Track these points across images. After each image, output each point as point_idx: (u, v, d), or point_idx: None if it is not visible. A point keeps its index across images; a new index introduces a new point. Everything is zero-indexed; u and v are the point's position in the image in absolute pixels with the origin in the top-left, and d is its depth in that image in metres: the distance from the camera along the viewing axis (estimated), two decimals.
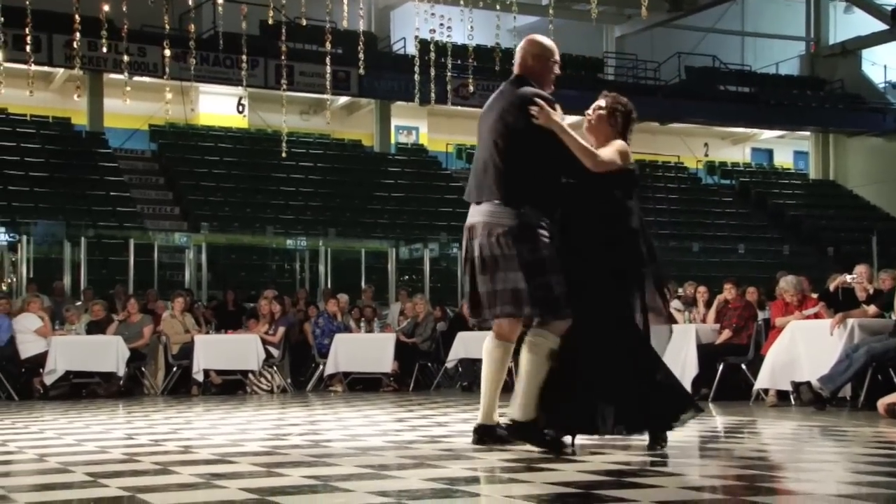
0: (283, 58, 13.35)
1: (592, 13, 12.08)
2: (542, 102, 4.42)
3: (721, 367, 8.61)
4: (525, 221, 4.39)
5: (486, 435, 4.52)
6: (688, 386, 8.72)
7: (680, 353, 8.79)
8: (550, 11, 12.99)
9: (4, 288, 13.60)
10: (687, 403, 4.53)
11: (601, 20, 25.70)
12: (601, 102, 4.68)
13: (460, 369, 11.11)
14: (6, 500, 3.19)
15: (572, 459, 4.04)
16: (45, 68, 19.45)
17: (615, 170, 4.46)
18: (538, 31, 5.52)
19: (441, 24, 11.50)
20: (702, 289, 9.99)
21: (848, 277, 8.31)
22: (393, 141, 24.13)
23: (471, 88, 14.76)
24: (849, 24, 28.85)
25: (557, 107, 4.48)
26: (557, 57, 4.71)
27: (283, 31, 12.72)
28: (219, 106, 23.04)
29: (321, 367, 11.34)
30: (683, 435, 5.50)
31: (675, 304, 9.87)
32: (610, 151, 4.51)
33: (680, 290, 10.62)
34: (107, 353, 10.35)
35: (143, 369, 10.97)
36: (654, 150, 26.94)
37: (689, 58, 26.81)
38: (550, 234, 4.44)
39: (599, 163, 4.43)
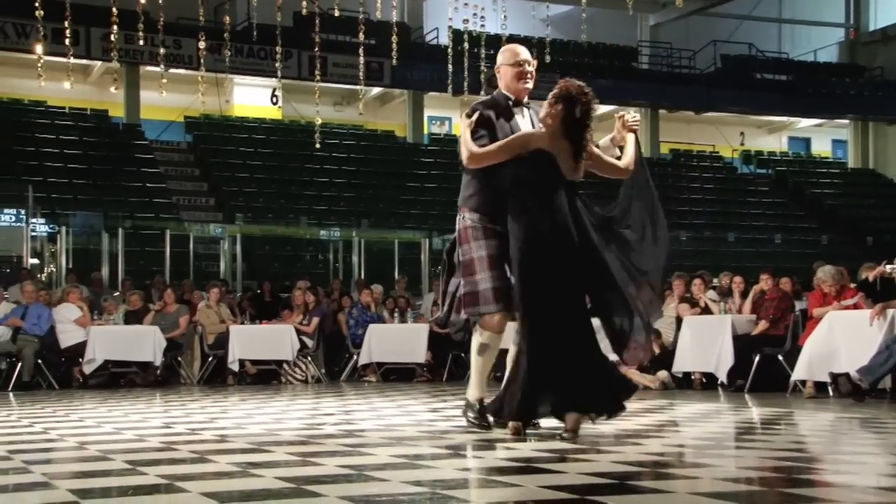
0: (316, 49, 13.39)
1: (627, 1, 11.99)
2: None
3: (757, 358, 8.52)
4: (462, 226, 4.76)
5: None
6: (723, 377, 8.68)
7: (715, 344, 8.74)
8: (583, 0, 12.90)
9: (44, 278, 13.80)
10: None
11: (635, 8, 25.44)
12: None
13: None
14: (48, 487, 3.25)
15: (607, 450, 4.03)
16: (84, 61, 19.67)
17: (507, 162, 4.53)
18: (572, 20, 5.57)
19: (474, 14, 11.48)
20: (737, 279, 9.90)
21: (888, 267, 8.18)
22: (426, 131, 24.13)
23: None
24: (889, 10, 28.33)
25: (477, 114, 4.69)
26: (519, 58, 4.80)
27: (317, 22, 12.76)
28: (253, 97, 23.18)
29: (355, 357, 11.40)
30: (719, 426, 5.47)
31: (710, 294, 9.78)
32: (494, 144, 4.60)
33: (715, 281, 10.53)
34: (144, 343, 10.48)
35: (179, 359, 11.08)
36: (688, 140, 26.70)
37: (725, 46, 26.50)
38: (501, 234, 4.60)
39: (471, 157, 4.59)
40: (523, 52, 4.83)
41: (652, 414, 6.11)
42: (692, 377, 9.16)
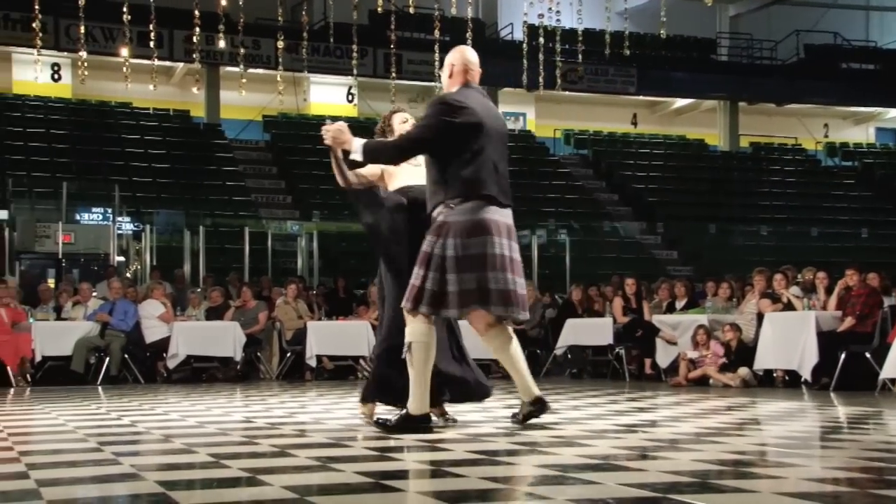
0: (392, 46, 13.49)
1: None
2: None
3: (843, 356, 8.29)
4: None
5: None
6: (807, 374, 8.44)
7: (799, 341, 8.52)
8: None
9: (130, 275, 14.19)
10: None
11: None
12: None
13: (569, 356, 11.02)
14: (137, 478, 3.34)
15: (688, 448, 3.96)
16: (167, 63, 20.18)
17: None
18: (649, 13, 5.52)
19: (549, 9, 11.41)
20: (821, 274, 9.63)
21: None
22: None
23: (580, 73, 14.58)
24: None
25: None
26: None
27: (393, 19, 12.84)
28: (329, 95, 23.45)
29: None
30: (804, 425, 5.32)
31: (793, 290, 9.55)
32: None
33: (799, 276, 10.26)
34: (225, 339, 10.69)
35: (258, 354, 11.28)
36: (769, 132, 26.09)
37: (808, 35, 25.81)
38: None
39: None
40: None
41: (733, 412, 5.99)
42: (774, 375, 8.96)
